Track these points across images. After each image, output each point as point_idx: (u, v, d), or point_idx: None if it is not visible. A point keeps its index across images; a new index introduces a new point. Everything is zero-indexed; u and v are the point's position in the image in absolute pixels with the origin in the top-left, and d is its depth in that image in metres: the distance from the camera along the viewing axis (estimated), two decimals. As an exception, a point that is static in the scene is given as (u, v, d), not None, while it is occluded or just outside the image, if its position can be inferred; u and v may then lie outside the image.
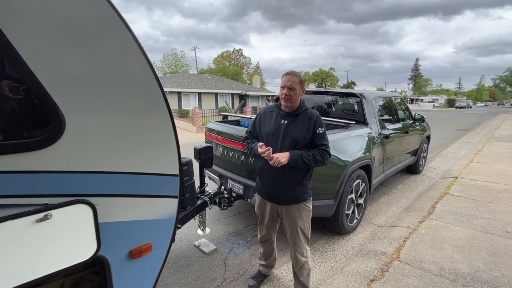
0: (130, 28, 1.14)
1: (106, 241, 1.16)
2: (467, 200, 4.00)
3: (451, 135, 12.08)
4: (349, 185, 2.98)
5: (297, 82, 1.86)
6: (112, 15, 1.09)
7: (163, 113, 1.31)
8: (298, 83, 1.86)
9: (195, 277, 2.46)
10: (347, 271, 2.48)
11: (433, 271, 2.39)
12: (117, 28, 1.12)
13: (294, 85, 1.85)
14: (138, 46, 1.17)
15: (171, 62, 44.46)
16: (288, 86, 1.85)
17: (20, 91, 0.94)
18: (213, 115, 17.15)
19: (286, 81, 1.86)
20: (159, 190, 1.36)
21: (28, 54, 0.91)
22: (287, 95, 1.86)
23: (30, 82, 0.93)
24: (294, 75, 1.87)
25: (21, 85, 0.94)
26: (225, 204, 2.85)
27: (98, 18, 1.07)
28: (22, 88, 0.94)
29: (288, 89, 1.85)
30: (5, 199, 0.93)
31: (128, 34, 1.14)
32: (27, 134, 0.99)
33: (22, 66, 0.90)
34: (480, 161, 6.41)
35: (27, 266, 0.97)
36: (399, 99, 5.01)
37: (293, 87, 1.85)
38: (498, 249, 2.72)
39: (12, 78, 0.94)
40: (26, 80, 0.93)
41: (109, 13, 1.08)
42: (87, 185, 1.10)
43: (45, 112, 0.98)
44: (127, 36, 1.15)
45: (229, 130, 3.24)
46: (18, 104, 0.97)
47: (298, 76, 1.89)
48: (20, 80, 0.94)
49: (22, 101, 0.97)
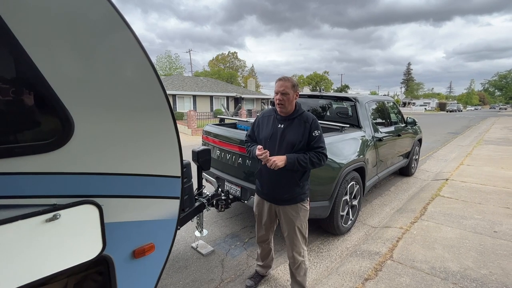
0: (135, 33, 1.19)
1: (111, 241, 1.20)
2: (457, 201, 4.12)
3: (442, 138, 12.34)
4: (344, 187, 3.06)
5: (290, 87, 1.92)
6: (118, 19, 1.13)
7: (166, 116, 1.36)
8: (291, 88, 1.92)
9: (193, 278, 2.49)
10: (342, 271, 2.55)
11: (425, 270, 2.47)
12: (122, 34, 1.16)
13: (287, 90, 1.91)
14: (143, 52, 1.22)
15: (165, 65, 44.33)
16: (281, 91, 1.91)
17: (32, 96, 0.98)
18: (208, 118, 17.15)
19: (279, 86, 1.92)
20: (162, 191, 1.40)
21: (41, 60, 0.95)
22: (281, 100, 1.92)
23: (41, 88, 0.97)
24: (286, 80, 1.93)
25: (33, 91, 0.98)
26: (222, 206, 2.89)
27: (105, 23, 1.11)
28: (35, 93, 0.98)
29: (281, 95, 1.91)
30: (17, 200, 0.96)
31: (133, 39, 1.19)
32: (38, 137, 1.02)
33: (36, 73, 0.94)
34: (470, 163, 6.59)
35: (36, 264, 1.00)
36: (391, 103, 5.13)
37: (286, 92, 1.91)
38: (486, 248, 2.82)
39: (25, 84, 0.98)
40: (38, 86, 0.97)
41: (115, 18, 1.13)
42: (94, 186, 1.14)
43: (56, 116, 1.02)
44: (132, 42, 1.19)
45: (226, 133, 3.29)
46: (31, 108, 1.01)
47: (291, 80, 1.94)
48: (33, 86, 0.97)
49: (34, 106, 1.01)
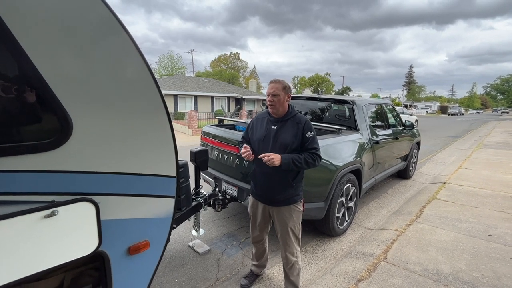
0: (130, 33, 1.22)
1: (106, 237, 1.25)
2: (454, 204, 4.15)
3: (442, 141, 12.35)
4: (340, 189, 3.09)
5: (280, 89, 1.97)
6: (114, 21, 1.17)
7: (162, 117, 1.40)
8: (281, 90, 1.97)
9: (188, 277, 2.53)
10: (336, 271, 2.58)
11: (418, 272, 2.50)
12: (119, 34, 1.19)
13: (277, 91, 1.96)
14: (139, 53, 1.26)
15: (167, 65, 44.54)
16: (271, 93, 1.96)
17: (33, 97, 1.03)
18: (208, 118, 17.22)
19: (270, 88, 1.98)
20: (157, 190, 1.45)
21: (40, 61, 1.00)
22: (272, 101, 1.97)
23: (41, 88, 1.02)
24: (277, 82, 1.99)
25: (34, 92, 1.03)
26: (219, 206, 2.93)
27: (101, 25, 1.15)
28: (35, 94, 1.03)
29: (272, 96, 1.96)
30: (17, 196, 1.01)
31: (129, 40, 1.22)
32: (38, 137, 1.07)
33: (36, 74, 0.99)
34: (469, 167, 6.61)
35: (34, 258, 1.05)
36: (390, 106, 5.17)
37: (276, 94, 1.96)
38: (480, 251, 2.85)
39: (26, 85, 1.02)
40: (38, 87, 1.02)
41: (111, 20, 1.16)
42: (91, 185, 1.18)
43: (55, 116, 1.07)
44: (128, 42, 1.23)
45: (224, 134, 3.33)
46: (31, 109, 1.06)
47: (282, 83, 2.00)
48: (33, 87, 1.02)
49: (34, 106, 1.05)
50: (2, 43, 0.94)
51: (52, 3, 1.01)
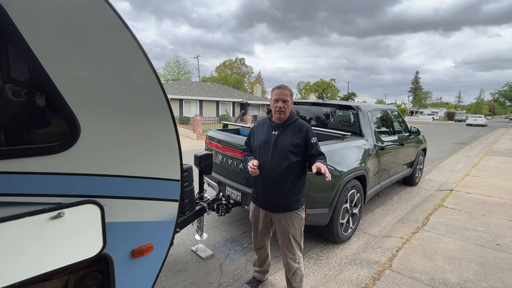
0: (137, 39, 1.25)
1: (111, 240, 1.26)
2: (461, 212, 4.08)
3: (449, 148, 12.19)
4: (344, 195, 3.07)
5: (289, 95, 2.00)
6: (121, 26, 1.20)
7: (168, 121, 1.42)
8: (289, 96, 2.00)
9: (191, 281, 2.53)
10: (340, 278, 2.55)
11: (423, 281, 2.45)
12: (126, 39, 1.22)
13: (287, 97, 1.98)
14: (146, 58, 1.29)
15: (173, 70, 45.06)
16: (281, 99, 1.97)
17: (43, 101, 1.05)
18: (213, 123, 17.31)
19: (280, 94, 1.98)
20: (162, 194, 1.46)
21: (50, 66, 1.02)
22: (281, 107, 1.98)
23: (51, 92, 1.04)
24: (285, 88, 2.01)
25: (43, 95, 1.05)
26: (223, 210, 2.93)
27: (108, 30, 1.17)
28: (44, 97, 1.06)
29: (282, 102, 1.97)
30: (25, 197, 1.03)
31: (136, 45, 1.25)
32: (47, 140, 1.09)
33: (46, 78, 1.02)
34: (476, 174, 6.50)
35: (40, 259, 1.06)
36: (395, 112, 5.14)
37: (286, 100, 1.98)
38: (488, 261, 2.79)
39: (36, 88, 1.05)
40: (47, 91, 1.04)
41: (119, 25, 1.19)
42: (97, 187, 1.20)
43: (63, 120, 1.09)
44: (135, 48, 1.25)
45: (229, 139, 3.35)
46: (40, 112, 1.08)
47: (289, 89, 2.03)
48: (43, 91, 1.05)
49: (43, 110, 1.08)
50: (14, 48, 0.97)
51: (61, 8, 1.04)
